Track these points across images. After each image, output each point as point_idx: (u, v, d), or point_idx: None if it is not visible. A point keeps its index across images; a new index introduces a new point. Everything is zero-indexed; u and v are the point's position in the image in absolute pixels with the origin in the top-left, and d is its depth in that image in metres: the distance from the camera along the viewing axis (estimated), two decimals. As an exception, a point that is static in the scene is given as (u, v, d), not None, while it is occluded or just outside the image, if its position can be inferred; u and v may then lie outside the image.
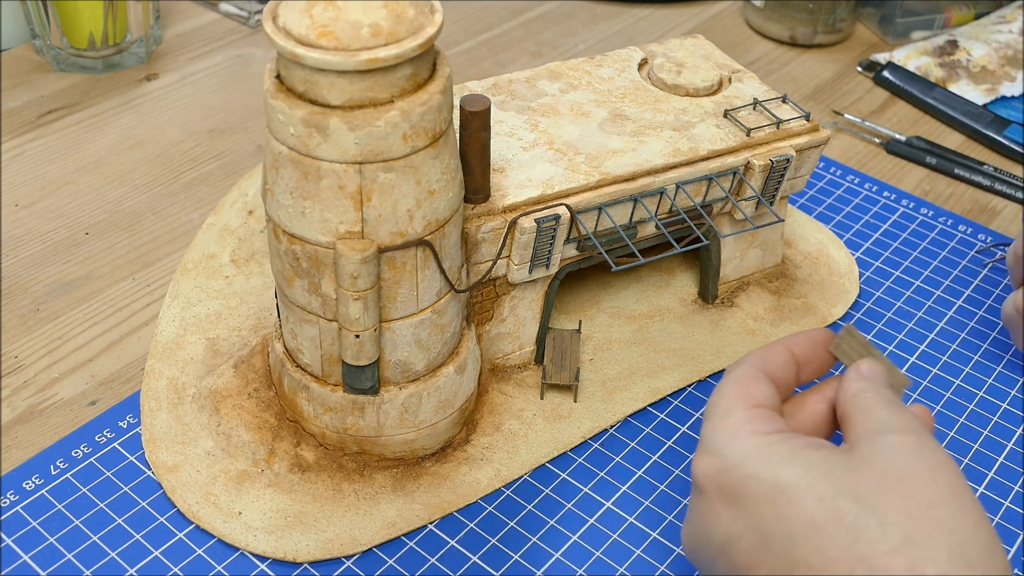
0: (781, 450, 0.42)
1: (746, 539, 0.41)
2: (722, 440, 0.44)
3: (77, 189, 0.69)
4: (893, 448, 0.41)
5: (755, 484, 0.41)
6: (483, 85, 0.59)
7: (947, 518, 0.39)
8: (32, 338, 0.59)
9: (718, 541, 0.43)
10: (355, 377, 0.49)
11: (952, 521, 0.39)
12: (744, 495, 0.42)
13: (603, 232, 0.54)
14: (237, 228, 0.64)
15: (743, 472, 0.42)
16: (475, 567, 0.49)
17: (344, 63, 0.40)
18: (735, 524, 0.42)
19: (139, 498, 0.51)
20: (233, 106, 0.78)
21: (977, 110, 0.79)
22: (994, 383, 0.59)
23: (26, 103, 0.77)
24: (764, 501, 0.41)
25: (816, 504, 0.40)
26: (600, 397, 0.56)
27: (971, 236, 0.69)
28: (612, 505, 0.52)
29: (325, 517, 0.50)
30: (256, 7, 0.88)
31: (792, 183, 0.60)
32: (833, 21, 0.87)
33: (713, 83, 0.60)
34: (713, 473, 0.43)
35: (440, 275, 0.47)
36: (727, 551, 0.42)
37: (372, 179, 0.43)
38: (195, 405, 0.54)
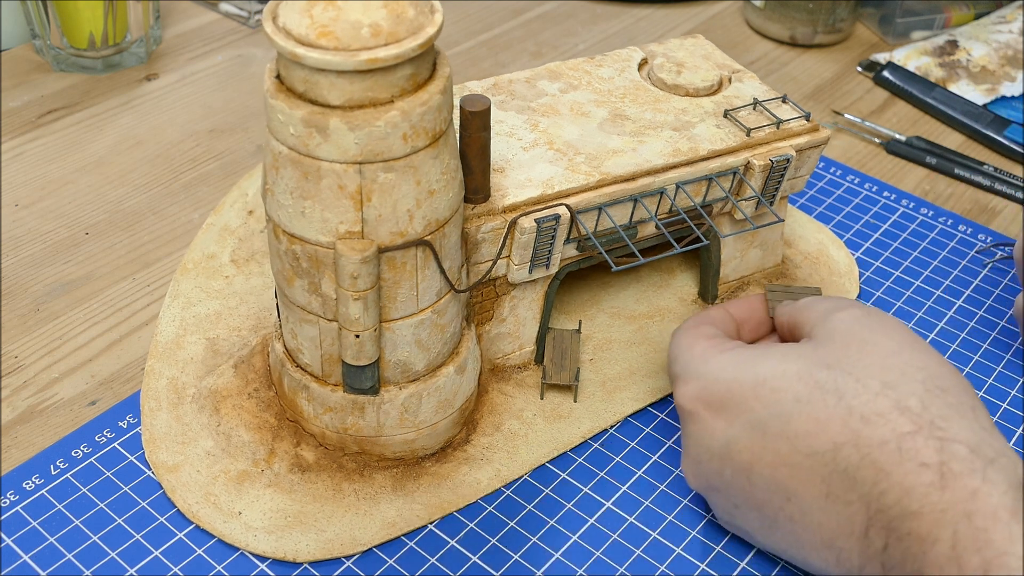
0: (750, 354, 0.47)
1: (743, 436, 0.45)
2: (696, 364, 0.48)
3: (77, 189, 0.69)
4: (845, 322, 0.46)
5: (738, 387, 0.46)
6: (483, 85, 0.59)
7: (912, 359, 0.44)
8: (32, 338, 0.59)
9: (719, 450, 0.46)
10: (355, 377, 0.49)
11: (917, 360, 0.44)
12: (731, 400, 0.46)
13: (603, 232, 0.54)
14: (237, 228, 0.64)
15: (724, 380, 0.46)
16: (475, 567, 0.49)
17: (344, 63, 0.40)
18: (730, 428, 0.46)
19: (139, 498, 0.51)
20: (233, 106, 0.78)
21: (977, 110, 0.79)
22: (994, 383, 0.59)
23: (26, 103, 0.77)
24: (750, 397, 0.45)
25: (797, 382, 0.44)
26: (600, 397, 0.56)
27: (971, 236, 0.69)
28: (612, 505, 0.52)
29: (325, 517, 0.50)
30: (256, 7, 0.88)
31: (792, 183, 0.60)
32: (833, 21, 0.87)
33: (713, 83, 0.60)
34: (697, 393, 0.47)
35: (440, 275, 0.47)
36: (729, 455, 0.46)
37: (372, 179, 0.43)
38: (195, 405, 0.54)
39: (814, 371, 0.44)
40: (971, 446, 0.41)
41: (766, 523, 0.46)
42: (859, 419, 0.42)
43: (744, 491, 0.46)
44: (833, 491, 0.43)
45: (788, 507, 0.44)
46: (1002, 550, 0.38)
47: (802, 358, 0.45)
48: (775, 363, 0.46)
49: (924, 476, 0.40)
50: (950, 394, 0.43)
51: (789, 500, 0.44)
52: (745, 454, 0.45)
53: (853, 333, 0.46)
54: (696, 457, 0.48)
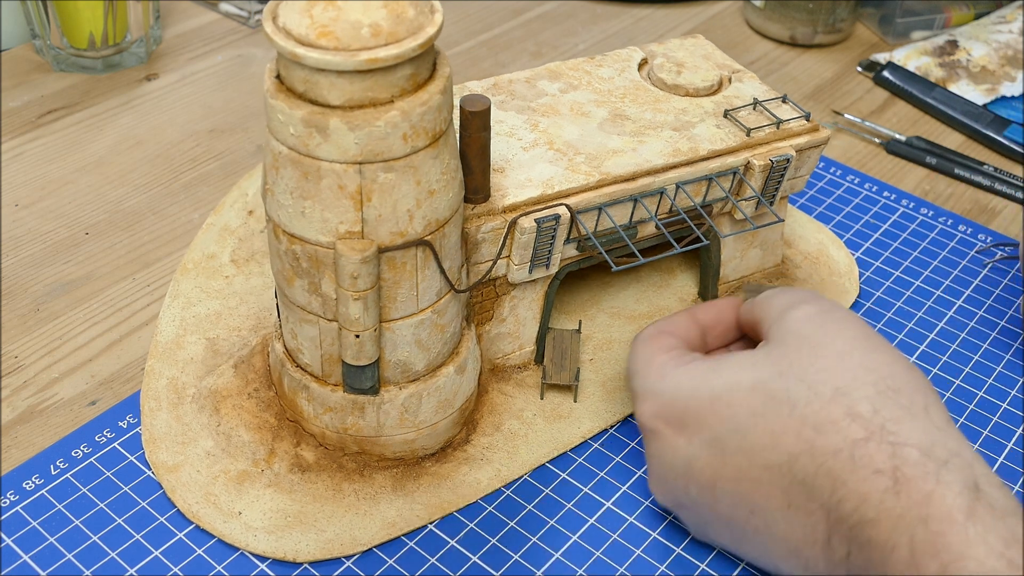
0: (706, 367, 0.46)
1: (703, 453, 0.45)
2: (653, 381, 0.47)
3: (77, 189, 0.69)
4: (799, 321, 0.46)
5: (695, 403, 0.45)
6: (483, 85, 0.59)
7: (863, 360, 0.44)
8: (32, 338, 0.59)
9: (681, 468, 0.46)
10: (355, 377, 0.49)
11: (868, 361, 0.44)
12: (688, 417, 0.46)
13: (603, 232, 0.54)
14: (237, 228, 0.64)
15: (681, 397, 0.46)
16: (475, 567, 0.49)
17: (344, 63, 0.40)
18: (689, 446, 0.46)
19: (139, 498, 0.51)
20: (233, 106, 0.78)
21: (977, 110, 0.79)
22: (994, 383, 0.59)
23: (26, 103, 0.77)
24: (707, 412, 0.45)
25: (751, 394, 0.44)
26: (600, 397, 0.56)
27: (971, 236, 0.69)
28: (612, 505, 0.52)
29: (325, 517, 0.50)
30: (256, 7, 0.88)
31: (792, 183, 0.60)
32: (833, 21, 0.87)
33: (713, 83, 0.60)
34: (656, 411, 0.47)
35: (440, 275, 0.47)
36: (691, 473, 0.46)
37: (372, 179, 0.43)
38: (195, 405, 0.54)
39: (768, 381, 0.44)
40: (923, 449, 0.40)
41: (736, 536, 0.46)
42: (812, 428, 0.42)
43: (710, 507, 0.46)
44: (794, 502, 0.43)
45: (753, 520, 0.44)
46: (959, 553, 0.38)
47: (756, 367, 0.45)
48: (730, 375, 0.45)
49: (878, 483, 0.40)
50: (902, 394, 0.43)
51: (753, 513, 0.44)
52: (707, 471, 0.45)
53: (805, 335, 0.45)
54: (661, 475, 0.48)
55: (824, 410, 0.42)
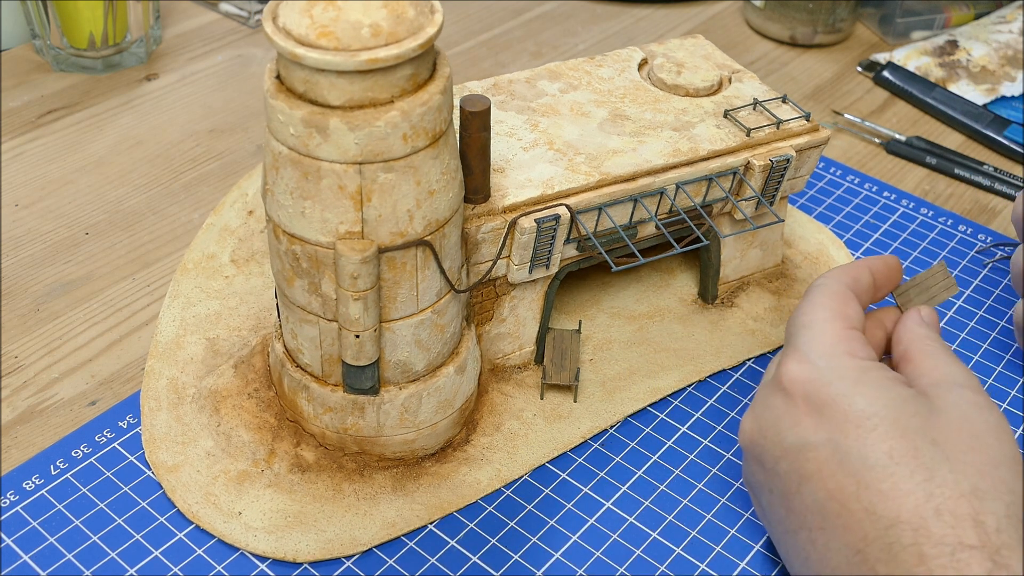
0: (873, 378, 0.45)
1: (823, 449, 0.44)
2: (819, 353, 0.46)
3: (77, 189, 0.69)
4: (964, 404, 0.44)
5: (844, 403, 0.44)
6: (483, 85, 0.59)
7: (1007, 478, 0.42)
8: (32, 338, 0.59)
9: (790, 442, 0.45)
10: (355, 377, 0.49)
11: (1011, 482, 0.42)
12: (831, 409, 0.44)
13: (603, 232, 0.54)
14: (237, 228, 0.64)
15: (836, 389, 0.44)
16: (475, 567, 0.49)
17: (344, 63, 0.40)
18: (814, 433, 0.44)
19: (139, 498, 0.51)
20: (233, 106, 0.78)
21: (977, 110, 0.79)
22: (994, 383, 0.59)
23: (26, 103, 0.77)
24: (850, 421, 0.43)
25: (899, 438, 0.43)
26: (600, 397, 0.56)
27: (971, 236, 0.69)
28: (612, 505, 0.52)
29: (325, 517, 0.50)
30: (256, 7, 0.88)
31: (792, 183, 0.60)
32: (833, 21, 0.87)
33: (713, 83, 0.60)
34: (804, 380, 0.45)
35: (440, 275, 0.47)
36: (798, 455, 0.44)
37: (372, 179, 0.43)
38: (195, 405, 0.54)
39: (918, 439, 0.43)
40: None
41: (786, 528, 0.45)
42: (933, 510, 0.41)
43: (788, 492, 0.45)
44: (867, 554, 0.41)
45: (815, 534, 0.43)
46: None
47: (915, 417, 0.43)
48: (890, 406, 0.44)
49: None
50: (1019, 528, 0.41)
51: (822, 530, 0.43)
52: (813, 464, 0.44)
53: (969, 421, 0.44)
54: (763, 429, 0.46)
55: (953, 500, 0.41)
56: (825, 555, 0.43)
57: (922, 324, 0.49)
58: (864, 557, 0.41)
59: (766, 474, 0.46)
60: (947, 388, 0.45)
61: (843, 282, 0.49)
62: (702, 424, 0.56)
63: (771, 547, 0.50)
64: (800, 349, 0.47)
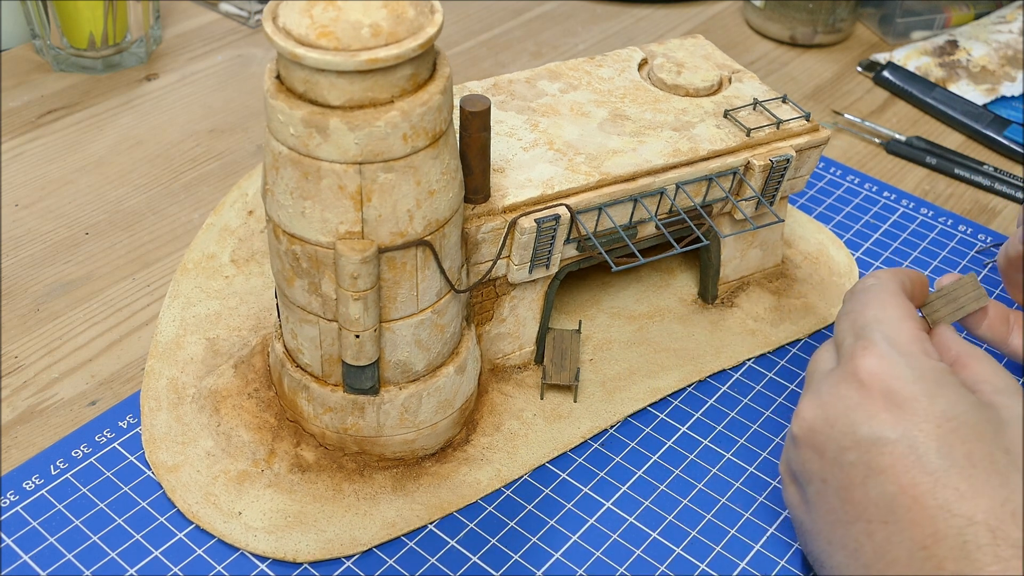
0: (952, 381, 0.45)
1: (899, 445, 0.44)
2: (899, 350, 0.46)
3: (77, 189, 0.69)
4: (1017, 416, 0.45)
5: (927, 402, 0.44)
6: (483, 85, 0.59)
7: None
8: (32, 338, 0.59)
9: (863, 435, 0.45)
10: (355, 377, 0.49)
11: None
12: (911, 407, 0.44)
13: (603, 232, 0.54)
14: (237, 228, 0.64)
15: (918, 388, 0.44)
16: (475, 567, 0.49)
17: (344, 63, 0.40)
18: (892, 428, 0.44)
19: (139, 498, 0.51)
20: (233, 106, 0.78)
21: (977, 110, 0.79)
22: (994, 383, 0.59)
23: (26, 103, 0.77)
24: (931, 420, 0.44)
25: (976, 442, 0.43)
26: (600, 397, 0.56)
27: (971, 236, 0.69)
28: (612, 505, 0.52)
29: (325, 517, 0.50)
30: (256, 7, 0.88)
31: (792, 183, 0.60)
32: (833, 21, 0.87)
33: (713, 83, 0.60)
34: (883, 375, 0.45)
35: (440, 275, 0.47)
36: (871, 448, 0.44)
37: (372, 179, 0.43)
38: (195, 405, 0.54)
39: (994, 445, 0.43)
40: None
41: (837, 519, 0.45)
42: (1009, 513, 0.41)
43: (850, 483, 0.44)
44: (935, 550, 0.41)
45: (875, 527, 0.43)
46: None
47: (990, 424, 0.44)
48: (969, 411, 0.44)
49: None
50: None
51: (885, 523, 0.43)
52: (888, 459, 0.43)
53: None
54: (830, 417, 0.46)
55: (1004, 518, 0.41)
56: (884, 548, 0.43)
57: (958, 344, 0.49)
58: (931, 553, 0.42)
59: (824, 463, 0.46)
60: (1009, 397, 0.45)
61: (898, 282, 0.50)
62: (702, 424, 0.56)
63: (771, 547, 0.50)
64: (878, 344, 0.46)
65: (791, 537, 0.51)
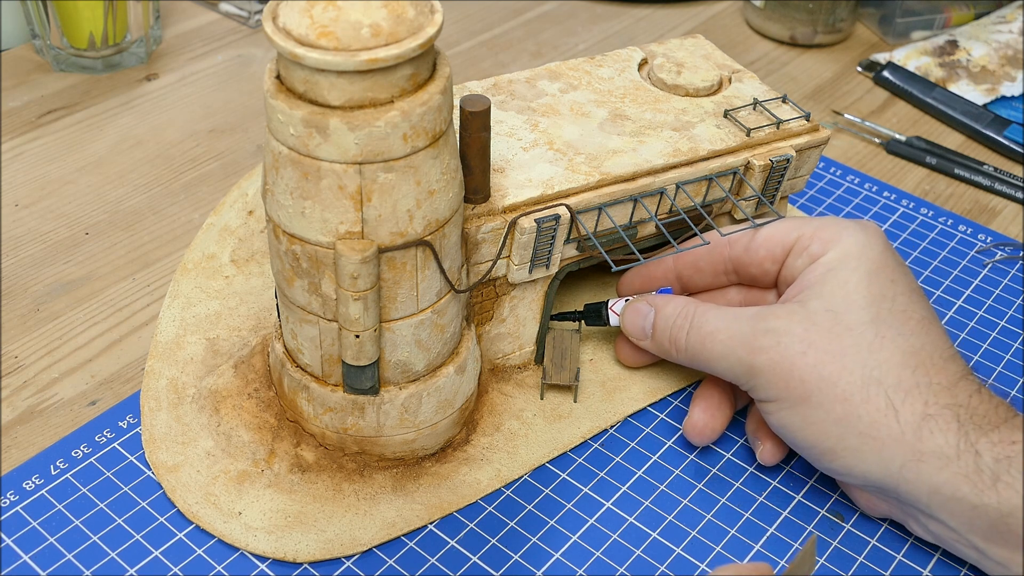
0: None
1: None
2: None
3: (77, 189, 0.69)
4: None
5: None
6: (483, 85, 0.59)
7: None
8: (32, 338, 0.59)
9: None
10: (355, 377, 0.49)
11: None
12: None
13: (603, 232, 0.54)
14: (237, 228, 0.64)
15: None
16: (475, 567, 0.49)
17: (344, 63, 0.40)
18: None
19: (139, 498, 0.51)
20: (233, 106, 0.78)
21: (977, 110, 0.79)
22: (994, 384, 0.59)
23: (26, 103, 0.77)
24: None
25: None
26: (600, 397, 0.56)
27: (971, 236, 0.69)
28: (612, 505, 0.52)
29: (325, 517, 0.50)
30: (256, 7, 0.88)
31: (792, 183, 0.60)
32: (833, 21, 0.87)
33: (713, 83, 0.60)
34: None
35: (440, 275, 0.47)
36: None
37: (372, 179, 0.43)
38: (195, 405, 0.54)
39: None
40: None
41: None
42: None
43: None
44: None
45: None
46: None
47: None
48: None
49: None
50: None
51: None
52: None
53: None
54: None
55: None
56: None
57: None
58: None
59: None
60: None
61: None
62: (702, 424, 0.56)
63: (771, 547, 0.50)
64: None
65: (791, 537, 0.51)
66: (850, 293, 0.49)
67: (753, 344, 0.49)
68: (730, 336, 0.50)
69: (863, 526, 0.51)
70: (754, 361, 0.49)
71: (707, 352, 0.51)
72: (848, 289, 0.49)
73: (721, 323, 0.50)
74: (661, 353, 0.54)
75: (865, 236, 0.51)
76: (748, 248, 0.54)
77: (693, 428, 0.53)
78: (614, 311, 0.56)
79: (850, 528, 0.51)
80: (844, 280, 0.49)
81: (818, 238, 0.51)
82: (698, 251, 0.55)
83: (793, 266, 0.52)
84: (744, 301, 0.56)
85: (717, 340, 0.50)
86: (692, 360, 0.52)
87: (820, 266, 0.50)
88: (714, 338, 0.50)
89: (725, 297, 0.56)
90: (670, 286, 0.56)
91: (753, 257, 0.54)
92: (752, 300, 0.55)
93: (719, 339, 0.50)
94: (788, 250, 0.52)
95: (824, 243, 0.51)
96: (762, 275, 0.54)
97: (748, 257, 0.54)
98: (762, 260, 0.53)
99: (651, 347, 0.54)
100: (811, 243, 0.51)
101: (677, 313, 0.52)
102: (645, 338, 0.54)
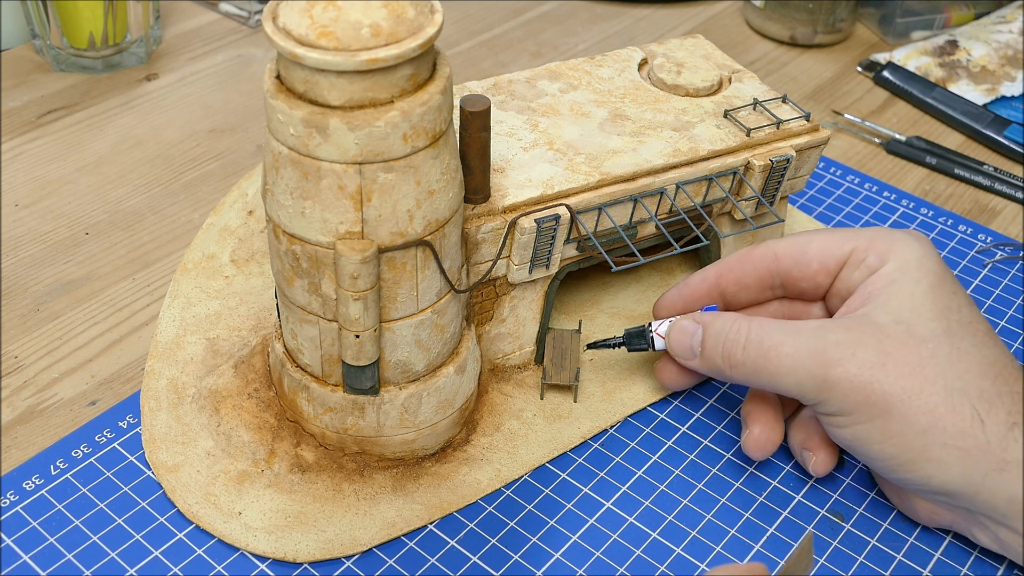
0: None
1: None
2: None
3: (77, 189, 0.69)
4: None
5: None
6: (483, 85, 0.59)
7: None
8: (32, 338, 0.59)
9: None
10: (355, 377, 0.49)
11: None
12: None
13: (603, 232, 0.54)
14: (237, 228, 0.64)
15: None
16: (475, 567, 0.49)
17: (344, 63, 0.40)
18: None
19: (139, 498, 0.51)
20: (233, 106, 0.78)
21: (977, 110, 0.79)
22: None
23: (26, 103, 0.77)
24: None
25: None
26: (600, 397, 0.56)
27: (971, 236, 0.69)
28: (612, 505, 0.52)
29: (325, 517, 0.50)
30: (256, 7, 0.88)
31: (792, 183, 0.60)
32: (833, 21, 0.87)
33: (713, 83, 0.60)
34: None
35: (440, 275, 0.47)
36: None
37: (372, 179, 0.43)
38: (195, 405, 0.54)
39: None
40: None
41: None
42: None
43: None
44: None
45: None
46: None
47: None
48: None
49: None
50: None
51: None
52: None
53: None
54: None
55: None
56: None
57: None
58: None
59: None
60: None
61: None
62: (702, 424, 0.56)
63: (770, 547, 0.50)
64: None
65: (791, 537, 0.51)
66: (917, 305, 0.48)
67: (825, 357, 0.47)
68: (796, 349, 0.48)
69: (863, 526, 0.51)
70: (828, 375, 0.47)
71: (771, 366, 0.48)
72: (915, 301, 0.48)
73: (785, 336, 0.48)
74: (711, 372, 0.52)
75: (921, 247, 0.50)
76: (799, 262, 0.52)
77: (755, 444, 0.52)
78: (659, 334, 0.54)
79: (850, 528, 0.51)
80: (909, 292, 0.48)
81: (873, 250, 0.50)
82: (744, 267, 0.54)
83: (849, 279, 0.51)
84: (787, 315, 0.55)
85: (783, 353, 0.48)
86: (750, 376, 0.50)
87: (881, 278, 0.49)
88: (779, 351, 0.48)
89: (767, 311, 0.55)
90: (714, 303, 0.55)
91: (805, 271, 0.52)
92: (795, 314, 0.54)
93: (784, 352, 0.48)
94: (842, 263, 0.51)
95: (881, 255, 0.50)
96: (813, 288, 0.53)
97: (799, 271, 0.53)
98: (815, 273, 0.52)
99: (700, 366, 0.52)
100: (867, 255, 0.50)
101: (729, 328, 0.50)
102: (693, 357, 0.52)
